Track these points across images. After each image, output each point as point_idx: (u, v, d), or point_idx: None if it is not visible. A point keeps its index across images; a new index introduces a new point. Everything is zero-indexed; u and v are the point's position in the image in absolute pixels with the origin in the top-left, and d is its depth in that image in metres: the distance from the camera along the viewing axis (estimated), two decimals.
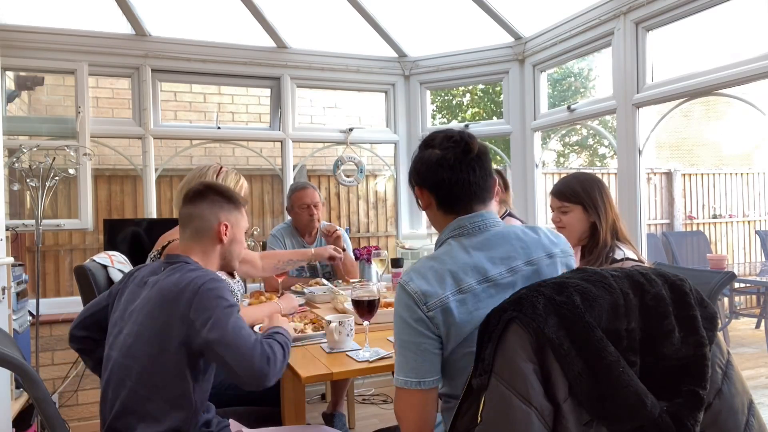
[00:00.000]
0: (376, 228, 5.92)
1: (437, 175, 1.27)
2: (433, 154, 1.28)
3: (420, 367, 1.18)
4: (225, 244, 1.65)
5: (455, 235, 1.27)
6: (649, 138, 2.95)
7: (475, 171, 1.27)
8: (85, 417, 3.22)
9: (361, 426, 3.27)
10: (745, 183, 7.29)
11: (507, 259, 1.23)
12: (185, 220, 1.64)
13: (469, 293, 1.18)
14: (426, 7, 3.77)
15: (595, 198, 1.93)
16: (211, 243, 1.63)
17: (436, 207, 1.31)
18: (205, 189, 1.66)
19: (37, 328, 2.96)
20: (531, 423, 0.89)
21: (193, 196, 1.64)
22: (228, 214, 1.65)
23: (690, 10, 2.63)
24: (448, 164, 1.26)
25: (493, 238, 1.26)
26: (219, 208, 1.64)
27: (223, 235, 1.63)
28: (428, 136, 1.36)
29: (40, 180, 2.86)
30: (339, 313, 2.25)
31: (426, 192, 1.31)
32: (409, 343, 1.19)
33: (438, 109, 10.17)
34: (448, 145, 1.28)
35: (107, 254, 2.18)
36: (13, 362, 1.23)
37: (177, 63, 3.48)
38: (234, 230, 1.66)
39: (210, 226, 1.62)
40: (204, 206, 1.63)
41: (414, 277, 1.20)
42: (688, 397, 0.96)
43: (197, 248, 1.62)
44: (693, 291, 1.05)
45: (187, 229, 1.63)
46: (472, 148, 1.28)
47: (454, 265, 1.20)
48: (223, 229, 1.63)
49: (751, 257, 7.10)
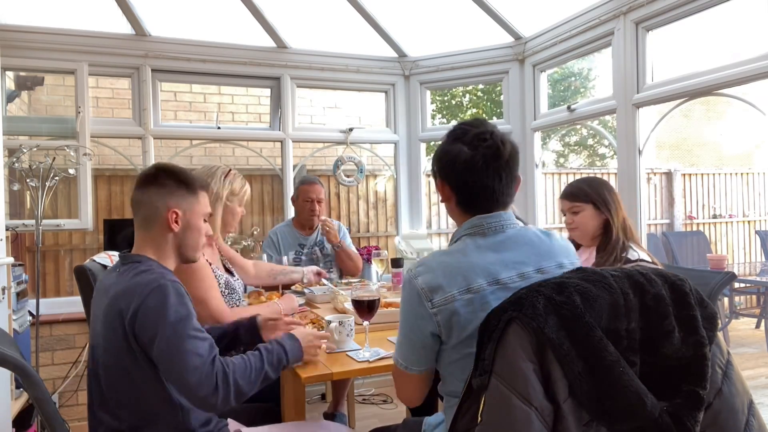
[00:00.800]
0: (376, 228, 5.92)
1: (462, 177, 1.24)
2: (462, 152, 1.22)
3: (410, 357, 1.26)
4: (177, 233, 1.49)
5: (471, 234, 1.25)
6: (649, 138, 2.95)
7: (501, 178, 1.23)
8: (85, 417, 3.21)
9: (361, 426, 3.27)
10: (745, 183, 7.29)
11: (518, 263, 1.21)
12: (134, 206, 1.51)
13: (478, 294, 1.16)
14: (426, 7, 3.77)
15: (604, 195, 2.01)
16: (161, 233, 1.48)
17: (455, 203, 1.28)
18: (156, 172, 1.51)
19: (37, 328, 2.95)
20: (531, 423, 0.89)
21: (143, 181, 1.50)
22: (179, 200, 1.50)
23: (690, 10, 2.63)
24: (476, 167, 1.21)
25: (508, 241, 1.23)
26: (168, 193, 1.48)
27: (172, 224, 1.48)
28: (458, 127, 1.29)
29: (40, 180, 2.86)
30: (339, 313, 2.25)
31: (448, 188, 1.28)
32: (408, 333, 1.24)
33: (438, 109, 10.17)
34: (478, 145, 1.22)
35: (107, 254, 2.17)
36: (13, 362, 1.23)
37: (177, 63, 3.48)
38: (188, 217, 1.51)
39: (158, 214, 1.47)
40: (152, 191, 1.48)
41: (423, 271, 1.20)
42: (688, 397, 0.96)
43: (149, 240, 1.49)
44: (693, 291, 1.05)
45: (136, 216, 1.50)
46: (502, 154, 1.22)
47: (467, 264, 1.19)
48: (172, 216, 1.47)
49: (751, 257, 7.10)
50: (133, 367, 1.36)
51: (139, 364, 1.36)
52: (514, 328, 0.95)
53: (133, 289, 1.35)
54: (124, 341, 1.34)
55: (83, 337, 3.18)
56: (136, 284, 1.36)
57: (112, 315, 1.36)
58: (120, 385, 1.39)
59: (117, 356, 1.37)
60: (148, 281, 1.36)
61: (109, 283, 1.45)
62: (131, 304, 1.33)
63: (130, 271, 1.41)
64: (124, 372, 1.38)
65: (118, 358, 1.37)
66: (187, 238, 1.52)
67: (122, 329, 1.34)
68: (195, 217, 1.53)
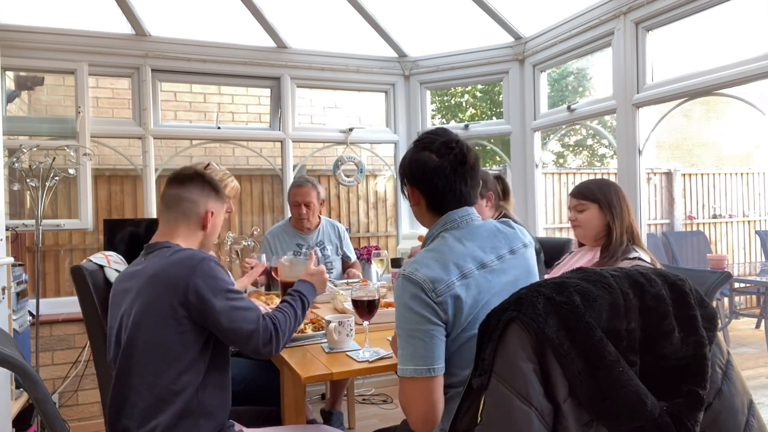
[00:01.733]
0: (376, 228, 5.92)
1: (432, 182, 1.35)
2: (430, 159, 1.35)
3: (429, 355, 1.22)
4: (207, 232, 1.66)
5: (447, 229, 1.35)
6: (649, 138, 2.95)
7: (467, 182, 1.37)
8: (85, 417, 3.22)
9: (361, 426, 3.27)
10: (745, 183, 7.29)
11: (494, 248, 1.34)
12: (172, 201, 1.63)
13: (471, 278, 1.25)
14: (426, 7, 3.77)
15: (610, 198, 2.04)
16: (195, 228, 1.64)
17: (425, 207, 1.40)
18: (195, 174, 1.67)
19: (37, 328, 2.96)
20: (531, 423, 0.89)
21: (184, 179, 1.65)
22: (215, 203, 1.68)
23: (690, 10, 2.63)
24: (444, 173, 1.34)
25: (479, 230, 1.36)
26: (207, 195, 1.66)
27: (207, 222, 1.65)
28: (424, 136, 1.40)
29: (40, 180, 2.86)
30: (339, 313, 2.25)
31: (417, 192, 1.39)
32: (417, 331, 1.22)
33: (437, 109, 10.17)
34: (445, 153, 1.34)
35: (104, 254, 2.16)
36: (13, 362, 1.23)
37: (177, 63, 3.48)
38: (216, 220, 1.68)
39: (197, 211, 1.63)
40: (195, 190, 1.64)
41: (418, 267, 1.24)
42: (688, 397, 0.96)
43: (181, 232, 1.61)
44: (693, 291, 1.05)
45: (174, 210, 1.62)
46: (467, 160, 1.35)
47: (454, 254, 1.28)
48: (209, 216, 1.65)
49: (751, 257, 7.10)
50: (171, 340, 1.45)
51: (178, 337, 1.44)
52: (514, 328, 0.95)
53: (180, 262, 1.47)
54: (171, 311, 1.43)
55: (83, 337, 3.18)
56: (180, 258, 1.48)
57: (158, 289, 1.45)
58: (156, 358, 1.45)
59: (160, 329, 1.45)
60: (192, 255, 1.50)
61: (136, 269, 1.54)
62: (181, 274, 1.44)
63: (164, 253, 1.52)
64: (163, 347, 1.45)
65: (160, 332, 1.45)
66: (209, 238, 1.70)
67: (170, 300, 1.43)
68: (219, 222, 1.72)
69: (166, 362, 1.44)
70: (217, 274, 1.48)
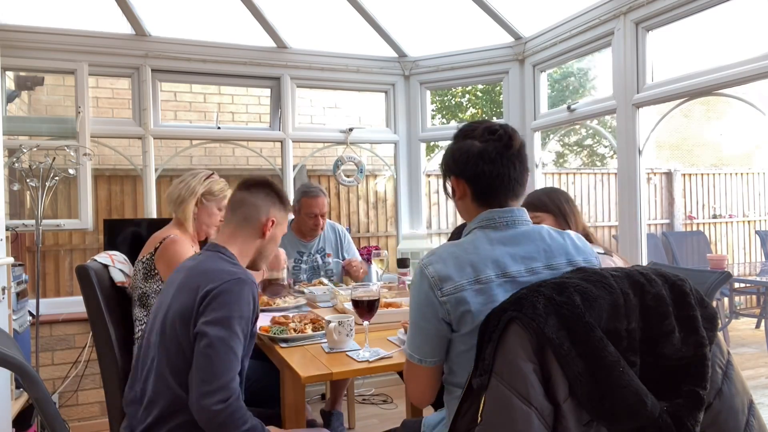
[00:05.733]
0: (376, 228, 5.92)
1: (478, 167, 1.26)
2: (474, 145, 1.27)
3: (425, 348, 1.24)
4: (265, 239, 1.67)
5: (482, 226, 1.27)
6: (649, 138, 2.95)
7: (515, 166, 1.27)
8: (85, 417, 3.22)
9: (360, 426, 3.27)
10: (745, 183, 7.29)
11: (528, 258, 1.22)
12: (236, 204, 1.67)
13: (486, 285, 1.18)
14: (426, 7, 3.77)
15: (561, 206, 2.08)
16: (253, 235, 1.65)
17: (471, 198, 1.30)
18: (264, 182, 1.71)
19: (37, 328, 2.95)
20: (531, 423, 0.89)
21: (252, 185, 1.68)
22: (277, 212, 1.69)
23: (690, 10, 2.63)
24: (490, 157, 1.25)
25: (519, 236, 1.25)
26: (272, 203, 1.68)
27: (267, 230, 1.66)
28: (466, 126, 1.33)
29: (40, 180, 2.86)
30: (339, 313, 2.25)
31: (463, 182, 1.30)
32: (419, 324, 1.23)
33: (437, 109, 10.17)
34: (489, 138, 1.27)
35: (108, 254, 2.18)
36: (13, 362, 1.22)
37: (177, 63, 3.48)
38: (277, 230, 1.70)
39: (258, 217, 1.65)
40: (260, 196, 1.67)
41: (434, 260, 1.22)
42: (688, 397, 0.96)
43: (239, 237, 1.64)
44: (693, 291, 1.05)
45: (236, 213, 1.66)
46: (513, 144, 1.27)
47: (476, 256, 1.20)
48: (270, 224, 1.66)
49: (751, 257, 7.10)
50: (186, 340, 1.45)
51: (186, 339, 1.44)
52: (514, 328, 0.95)
53: (217, 272, 1.48)
54: (187, 313, 1.44)
55: (83, 337, 3.18)
56: (220, 269, 1.49)
57: (187, 288, 1.47)
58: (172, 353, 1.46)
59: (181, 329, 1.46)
60: (234, 271, 1.49)
61: (191, 263, 1.58)
62: (209, 283, 1.44)
63: (215, 256, 1.56)
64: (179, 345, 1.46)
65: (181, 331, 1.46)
66: (267, 248, 1.71)
67: (190, 302, 1.44)
68: (280, 232, 1.72)
69: (183, 360, 1.45)
70: (243, 295, 1.44)
